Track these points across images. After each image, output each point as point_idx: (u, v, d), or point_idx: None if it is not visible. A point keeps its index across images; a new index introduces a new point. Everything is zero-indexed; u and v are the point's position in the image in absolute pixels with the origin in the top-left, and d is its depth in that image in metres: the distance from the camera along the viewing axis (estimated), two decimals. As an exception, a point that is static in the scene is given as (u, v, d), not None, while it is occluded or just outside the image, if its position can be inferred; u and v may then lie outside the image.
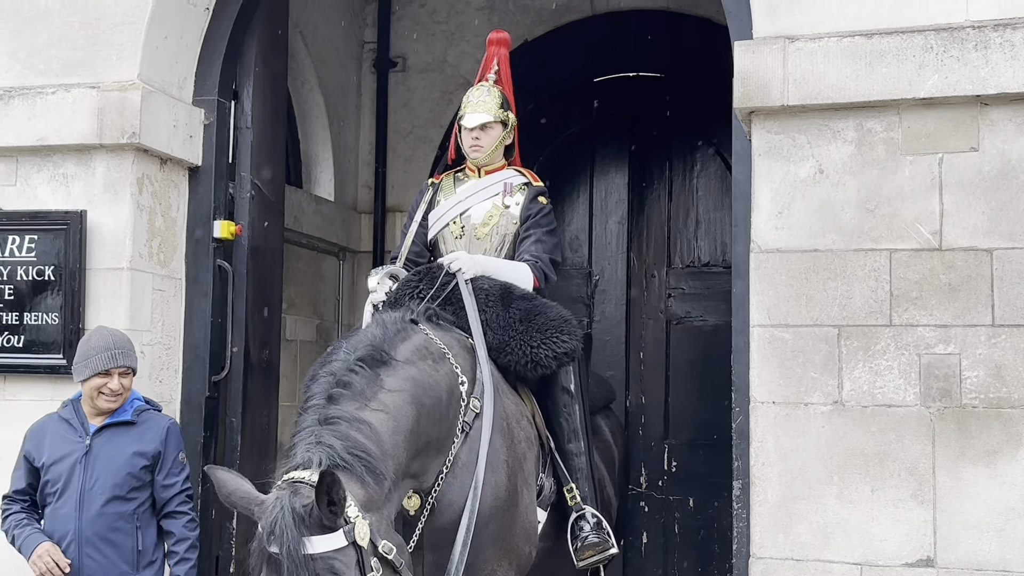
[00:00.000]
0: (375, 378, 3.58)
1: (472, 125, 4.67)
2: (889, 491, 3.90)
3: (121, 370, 4.18)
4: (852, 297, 4.00)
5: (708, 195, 7.09)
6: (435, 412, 3.73)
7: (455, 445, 3.77)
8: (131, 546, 4.15)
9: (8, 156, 4.90)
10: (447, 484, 3.75)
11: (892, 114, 4.01)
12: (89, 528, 4.10)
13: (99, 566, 4.11)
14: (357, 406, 3.46)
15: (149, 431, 4.21)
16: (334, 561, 3.12)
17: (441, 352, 3.89)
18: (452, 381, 3.85)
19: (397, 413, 3.56)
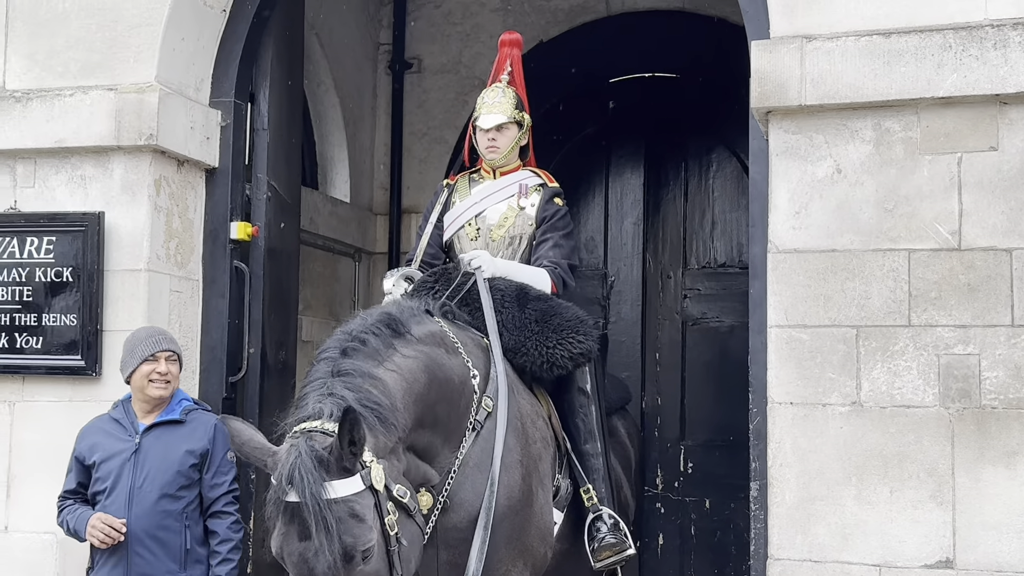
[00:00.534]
0: (390, 343, 3.60)
1: (488, 126, 4.67)
2: (908, 492, 3.89)
3: (167, 354, 4.24)
4: (870, 297, 3.99)
5: (724, 196, 7.07)
6: (446, 390, 3.74)
7: (466, 442, 3.77)
8: (179, 544, 4.17)
9: (27, 158, 4.92)
10: (458, 483, 3.75)
11: (910, 113, 3.99)
12: (138, 525, 4.13)
13: (147, 563, 4.14)
14: (372, 364, 3.48)
15: (197, 430, 4.25)
16: (354, 504, 3.14)
17: (454, 346, 3.90)
18: (464, 373, 3.86)
19: (410, 376, 3.57)
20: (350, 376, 3.40)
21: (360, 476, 3.20)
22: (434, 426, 3.69)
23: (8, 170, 4.94)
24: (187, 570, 4.18)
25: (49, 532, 4.75)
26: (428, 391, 3.65)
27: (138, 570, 4.13)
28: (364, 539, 3.15)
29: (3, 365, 4.85)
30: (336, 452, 3.16)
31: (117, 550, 4.14)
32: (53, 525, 4.70)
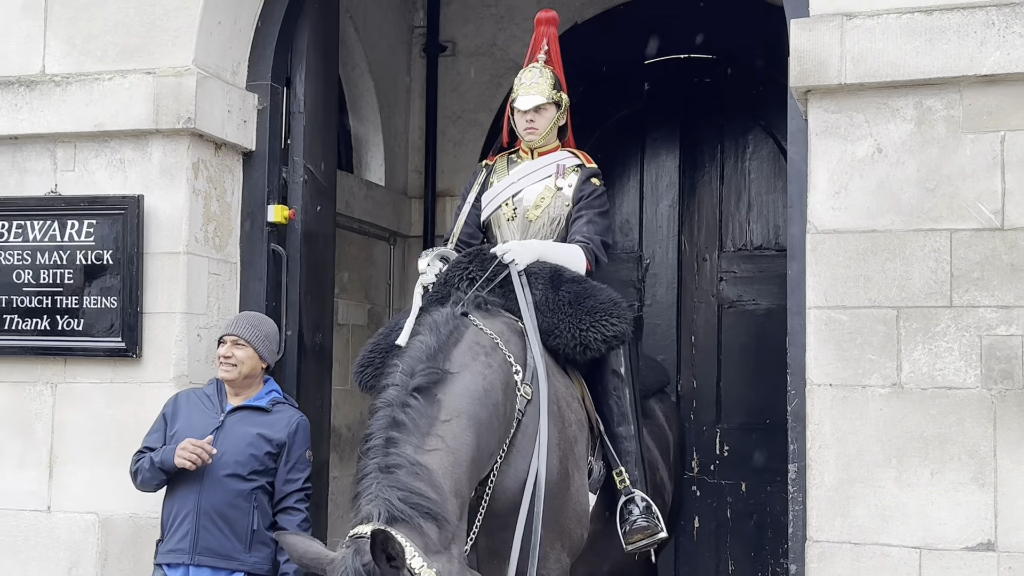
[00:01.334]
0: (430, 407, 3.57)
1: (526, 107, 4.65)
2: (949, 474, 3.85)
3: (233, 338, 4.35)
4: (911, 278, 3.95)
5: (760, 177, 7.02)
6: (493, 422, 3.73)
7: (511, 433, 3.78)
8: (246, 524, 4.24)
9: (67, 142, 4.96)
10: (502, 472, 3.76)
11: (953, 91, 3.94)
12: (207, 500, 4.22)
13: (214, 538, 4.21)
14: (414, 448, 3.46)
15: (279, 421, 4.33)
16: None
17: (493, 343, 3.89)
18: (507, 372, 3.86)
19: (456, 445, 3.55)
20: (395, 472, 3.38)
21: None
22: (488, 442, 3.68)
23: (48, 154, 4.99)
24: (252, 551, 4.25)
25: (91, 512, 4.82)
26: (478, 449, 3.63)
27: (204, 544, 4.21)
28: None
29: (45, 347, 4.91)
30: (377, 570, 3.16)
31: (186, 523, 4.23)
32: (96, 505, 4.79)
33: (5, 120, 4.98)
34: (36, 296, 4.92)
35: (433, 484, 3.40)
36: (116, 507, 4.75)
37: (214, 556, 4.22)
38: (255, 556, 4.26)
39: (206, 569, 4.22)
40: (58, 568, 4.84)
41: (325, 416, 5.59)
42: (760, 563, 6.78)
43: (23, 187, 5.01)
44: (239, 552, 4.23)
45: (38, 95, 4.95)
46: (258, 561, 4.27)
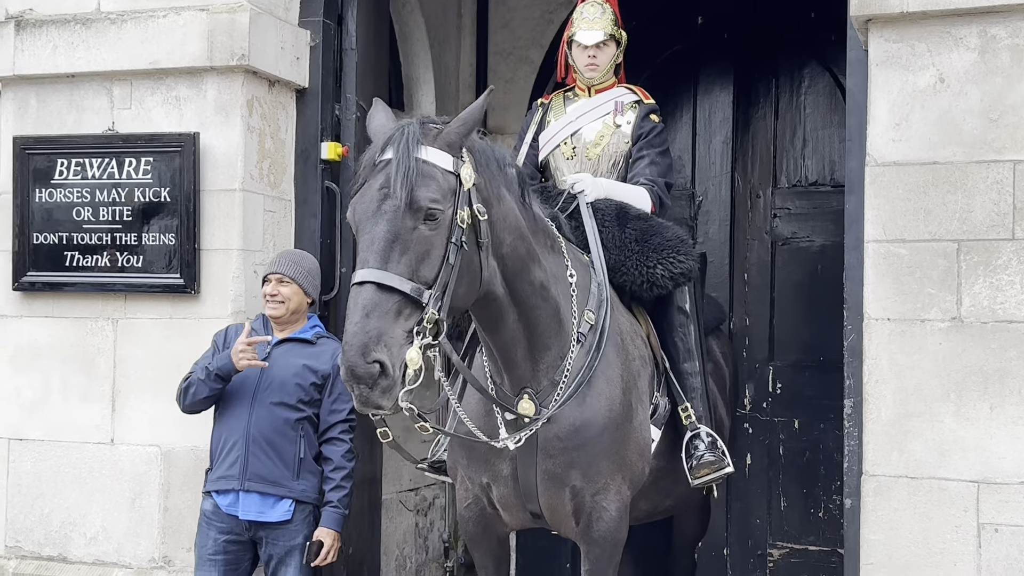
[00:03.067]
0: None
1: (589, 42, 4.61)
2: (1009, 408, 3.82)
3: (278, 276, 4.42)
4: (973, 211, 3.89)
5: (816, 112, 6.90)
6: (543, 237, 3.77)
7: (572, 353, 3.77)
8: (293, 452, 4.33)
9: (123, 80, 4.99)
10: (562, 394, 3.75)
11: (1018, 19, 3.85)
12: (256, 428, 4.31)
13: (263, 464, 4.30)
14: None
15: (324, 353, 4.40)
16: (437, 172, 3.20)
17: (559, 244, 3.87)
18: (560, 267, 3.82)
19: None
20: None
21: (454, 158, 3.25)
22: (529, 265, 3.63)
23: (105, 92, 5.03)
24: (300, 478, 4.34)
25: (154, 445, 4.92)
26: (532, 246, 3.64)
27: (254, 470, 4.30)
28: (433, 199, 3.17)
29: (106, 283, 4.99)
30: (445, 129, 3.26)
31: (235, 449, 4.32)
32: (158, 438, 4.90)
33: (62, 58, 5.02)
34: (96, 233, 4.99)
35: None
36: (177, 440, 4.85)
37: (263, 482, 4.31)
38: (303, 484, 4.35)
39: (255, 495, 4.32)
40: (122, 499, 4.96)
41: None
42: (812, 499, 6.78)
43: (80, 125, 5.06)
44: (287, 479, 4.31)
45: (94, 33, 4.98)
46: (305, 489, 4.36)
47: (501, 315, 3.60)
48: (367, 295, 3.09)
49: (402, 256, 3.12)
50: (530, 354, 3.73)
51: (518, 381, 3.75)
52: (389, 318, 3.08)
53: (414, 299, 3.11)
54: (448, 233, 3.20)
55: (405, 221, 3.14)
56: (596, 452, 3.79)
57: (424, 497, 7.05)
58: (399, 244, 3.13)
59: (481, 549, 4.14)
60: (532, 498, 3.86)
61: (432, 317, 3.13)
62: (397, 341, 3.08)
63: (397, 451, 3.63)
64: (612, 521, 3.86)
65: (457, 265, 3.22)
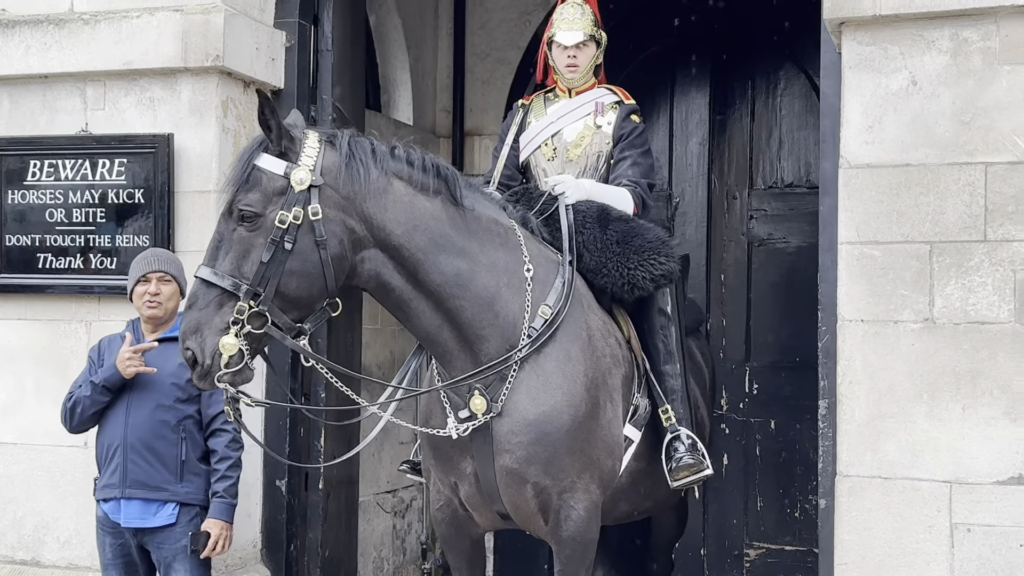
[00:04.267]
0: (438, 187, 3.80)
1: (568, 43, 4.61)
2: (981, 409, 3.85)
3: (158, 275, 4.34)
4: (945, 212, 3.91)
5: (791, 114, 6.94)
6: (483, 233, 3.82)
7: (520, 347, 3.77)
8: (174, 455, 4.30)
9: (96, 80, 4.97)
10: (513, 388, 3.77)
11: (989, 22, 3.88)
12: (134, 435, 4.28)
13: (142, 471, 4.28)
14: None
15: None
16: (264, 176, 3.47)
17: (517, 243, 3.90)
18: (516, 260, 3.87)
19: (420, 204, 3.71)
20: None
21: (287, 163, 3.49)
22: (445, 247, 3.70)
23: (78, 92, 5.00)
24: (183, 481, 4.31)
25: (127, 447, 4.88)
26: (442, 238, 3.70)
27: (133, 477, 4.28)
28: (247, 203, 3.45)
29: (79, 285, 4.97)
30: (278, 138, 3.49)
31: (115, 457, 4.29)
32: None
33: (35, 59, 4.99)
34: (69, 235, 4.97)
35: (381, 163, 3.69)
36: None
37: (143, 488, 4.28)
38: (187, 486, 4.31)
39: (136, 501, 4.29)
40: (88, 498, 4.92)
41: (356, 353, 5.63)
42: (789, 499, 6.81)
43: (53, 126, 5.04)
44: (170, 483, 4.28)
45: (67, 33, 4.96)
46: (190, 491, 4.32)
47: (407, 304, 3.71)
48: (193, 289, 3.51)
49: (227, 255, 3.48)
50: (463, 345, 3.76)
51: (460, 373, 3.78)
52: (210, 310, 3.45)
53: (233, 293, 3.43)
54: (268, 234, 3.45)
55: (228, 223, 3.51)
56: (556, 448, 3.78)
57: (402, 499, 7.04)
58: (224, 244, 3.50)
59: (455, 550, 4.15)
60: (495, 496, 3.87)
61: (243, 308, 3.41)
62: (214, 331, 3.43)
63: (255, 441, 3.98)
64: (581, 521, 3.86)
65: (277, 263, 3.44)
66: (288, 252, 3.45)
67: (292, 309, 3.50)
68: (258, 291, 3.43)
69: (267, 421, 5.07)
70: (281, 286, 3.45)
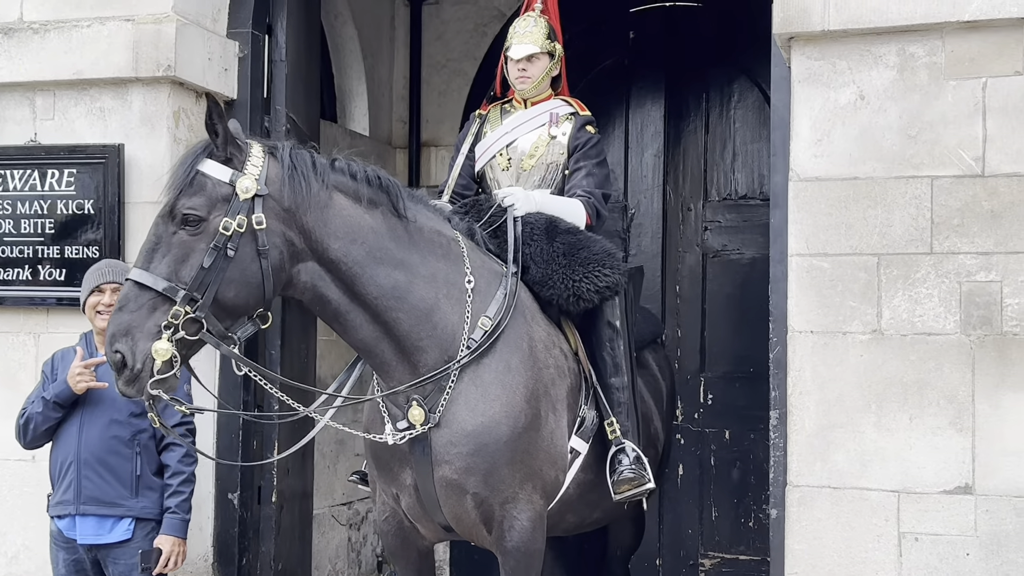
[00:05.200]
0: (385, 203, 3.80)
1: (519, 56, 4.63)
2: (928, 419, 3.89)
3: (113, 286, 4.27)
4: (892, 225, 3.96)
5: (745, 126, 7.00)
6: (425, 245, 3.82)
7: (458, 358, 3.78)
8: (129, 470, 4.26)
9: (45, 90, 4.92)
10: (452, 399, 3.77)
11: (935, 38, 3.94)
12: (87, 450, 4.23)
13: (96, 487, 4.23)
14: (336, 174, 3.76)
15: None
16: (209, 181, 3.46)
17: (459, 255, 3.91)
18: (457, 272, 3.87)
19: (364, 219, 3.71)
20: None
21: (233, 170, 3.48)
22: (383, 260, 3.70)
23: (27, 102, 4.96)
24: (138, 496, 4.27)
25: (77, 461, 4.82)
26: (381, 250, 3.70)
27: (88, 493, 4.23)
28: (192, 207, 3.43)
29: (28, 297, 4.91)
30: (224, 144, 3.48)
31: (69, 473, 4.25)
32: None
33: (-17, 68, 4.94)
34: (17, 246, 4.91)
35: (323, 175, 3.68)
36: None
37: (98, 504, 4.24)
38: (142, 501, 4.28)
39: (91, 518, 4.25)
40: (44, 517, 4.84)
41: (311, 364, 5.61)
42: (743, 509, 6.85)
43: (2, 136, 4.99)
44: (125, 498, 4.25)
45: (16, 43, 4.91)
46: (145, 506, 4.28)
47: (343, 316, 3.71)
48: (125, 291, 3.45)
49: (163, 258, 3.43)
50: (401, 356, 3.76)
51: (398, 384, 3.78)
52: (142, 313, 3.39)
53: (168, 297, 3.38)
54: (210, 239, 3.42)
55: (168, 226, 3.47)
56: (496, 459, 3.78)
57: (357, 511, 7.01)
58: (162, 247, 3.45)
59: (402, 562, 4.14)
60: (435, 508, 3.86)
61: (178, 313, 3.37)
62: (147, 335, 3.37)
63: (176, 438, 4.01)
64: (525, 531, 3.86)
65: (219, 269, 3.43)
66: (229, 260, 3.44)
67: (226, 317, 3.48)
68: (196, 296, 3.39)
69: (219, 433, 5.04)
70: (219, 293, 3.43)
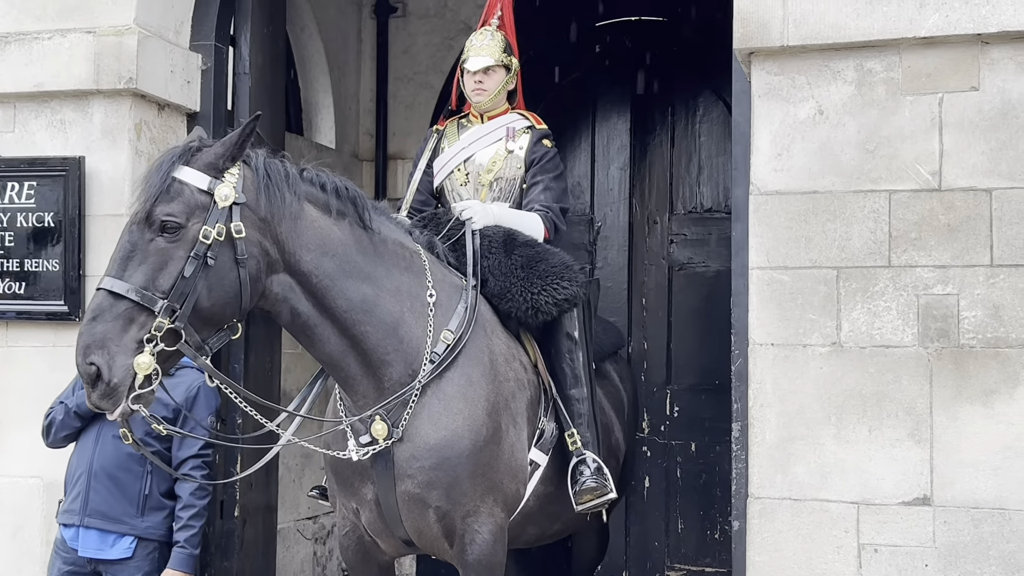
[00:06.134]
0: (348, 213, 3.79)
1: (475, 68, 4.65)
2: (887, 431, 3.92)
3: None
4: (851, 239, 3.99)
5: (710, 140, 7.05)
6: (390, 257, 3.82)
7: (423, 372, 3.78)
8: (138, 489, 4.22)
9: (6, 102, 4.89)
10: (414, 413, 3.77)
11: (892, 54, 3.97)
12: (99, 463, 4.21)
13: (103, 500, 4.20)
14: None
15: (180, 384, 4.23)
16: (186, 189, 3.40)
17: (421, 268, 3.92)
18: (419, 284, 3.88)
19: (327, 225, 3.70)
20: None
21: (211, 178, 3.42)
22: (352, 274, 3.70)
23: (-13, 114, 4.92)
24: (144, 516, 4.23)
25: (36, 476, 4.80)
26: (349, 263, 3.69)
27: (94, 506, 4.21)
28: (170, 213, 3.36)
29: (-13, 310, 4.86)
30: (208, 150, 3.43)
31: (79, 483, 4.23)
32: (39, 470, 4.77)
33: (-58, 80, 4.89)
34: (-24, 259, 4.86)
35: (294, 186, 3.65)
36: (60, 471, 4.66)
37: (103, 518, 4.21)
38: (147, 521, 4.24)
39: (94, 531, 4.21)
40: (3, 533, 4.82)
41: (275, 378, 5.58)
42: (709, 521, 6.87)
43: (-38, 148, 4.94)
44: (130, 516, 4.21)
45: (-24, 55, 4.87)
46: (150, 526, 4.25)
47: (312, 330, 3.69)
48: (97, 301, 3.31)
49: (139, 266, 3.33)
50: (367, 370, 3.76)
51: (363, 399, 3.76)
52: (118, 324, 3.28)
53: (147, 307, 3.27)
54: (190, 247, 3.34)
55: (144, 233, 3.37)
56: (458, 472, 3.79)
57: (323, 525, 6.97)
58: (137, 255, 3.34)
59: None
60: (396, 522, 3.85)
61: (160, 324, 3.29)
62: (125, 347, 3.27)
63: (152, 460, 3.88)
64: (486, 544, 3.86)
65: (199, 278, 3.36)
66: (208, 268, 3.37)
67: (202, 327, 3.42)
68: (175, 307, 3.31)
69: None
70: (198, 303, 3.37)
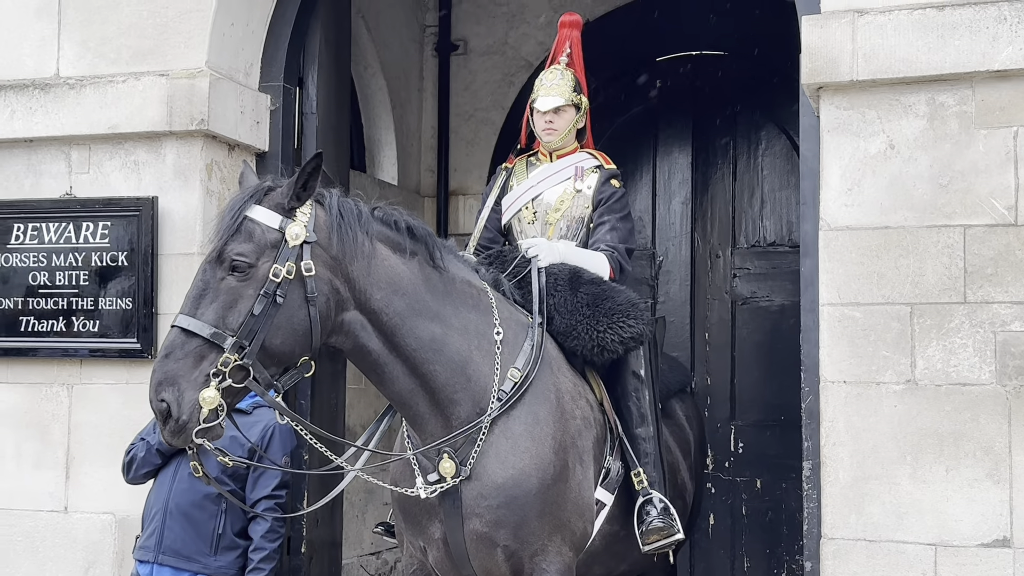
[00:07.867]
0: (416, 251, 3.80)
1: (546, 108, 4.65)
2: (964, 471, 3.85)
3: None
4: (925, 274, 3.94)
5: (773, 174, 7.02)
6: (458, 296, 3.83)
7: (491, 409, 3.77)
8: (211, 527, 4.24)
9: (81, 144, 4.99)
10: (482, 452, 3.75)
11: (965, 87, 3.93)
12: (175, 501, 4.24)
13: (178, 539, 4.22)
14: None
15: (256, 425, 4.26)
16: (257, 228, 3.43)
17: (488, 306, 3.92)
18: (486, 323, 3.89)
19: (400, 268, 3.71)
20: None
21: (282, 217, 3.45)
22: (422, 312, 3.70)
23: (63, 156, 5.02)
24: (217, 555, 4.24)
25: (108, 512, 4.85)
26: (419, 302, 3.70)
27: (168, 543, 4.23)
28: (240, 253, 3.39)
29: (61, 348, 4.94)
30: (278, 191, 3.48)
31: (155, 520, 4.26)
32: (112, 505, 4.83)
33: (20, 123, 5.01)
34: (52, 298, 4.96)
35: (368, 227, 3.67)
36: (132, 507, 4.76)
37: (177, 556, 4.22)
38: (220, 560, 4.24)
39: (168, 568, 4.23)
40: (76, 568, 4.87)
41: (340, 414, 5.61)
42: (775, 560, 6.78)
43: (38, 189, 5.05)
44: (203, 555, 4.22)
45: (52, 98, 4.99)
46: (223, 566, 4.24)
47: (382, 368, 3.69)
48: (171, 338, 3.36)
49: (211, 304, 3.37)
50: (435, 409, 3.75)
51: (431, 437, 3.76)
52: (188, 361, 3.32)
53: (216, 344, 3.32)
54: (260, 286, 3.38)
55: (216, 272, 3.41)
56: (526, 511, 3.76)
57: (385, 561, 6.98)
58: (209, 293, 3.39)
59: (428, 616, 4.10)
60: (464, 561, 3.83)
61: (227, 360, 3.31)
62: (193, 383, 3.30)
63: (222, 492, 3.92)
64: None
65: (267, 316, 3.39)
66: (278, 306, 3.40)
67: (272, 364, 3.45)
68: (243, 343, 3.34)
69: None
70: (267, 340, 3.39)
